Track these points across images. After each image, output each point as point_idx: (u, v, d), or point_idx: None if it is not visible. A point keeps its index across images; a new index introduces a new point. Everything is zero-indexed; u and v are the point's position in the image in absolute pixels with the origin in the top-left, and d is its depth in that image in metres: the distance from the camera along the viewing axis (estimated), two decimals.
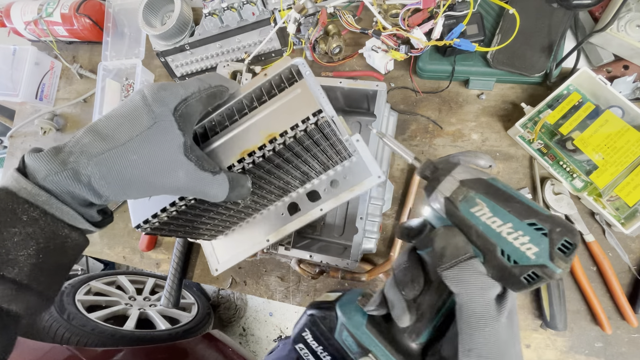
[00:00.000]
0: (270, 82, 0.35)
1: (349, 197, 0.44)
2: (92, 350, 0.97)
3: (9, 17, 0.83)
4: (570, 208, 0.57)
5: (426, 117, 0.66)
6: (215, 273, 0.47)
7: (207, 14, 0.66)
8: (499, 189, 0.26)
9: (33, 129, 0.88)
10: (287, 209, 0.46)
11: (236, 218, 0.45)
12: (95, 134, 0.26)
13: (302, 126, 0.32)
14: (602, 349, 0.55)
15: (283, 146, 0.33)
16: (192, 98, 0.29)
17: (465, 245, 0.26)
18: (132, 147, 0.26)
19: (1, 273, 0.24)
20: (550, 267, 0.23)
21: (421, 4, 0.58)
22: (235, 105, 0.35)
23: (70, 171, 0.25)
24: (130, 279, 1.49)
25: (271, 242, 0.45)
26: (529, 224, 0.24)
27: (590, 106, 0.55)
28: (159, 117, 0.27)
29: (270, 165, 0.36)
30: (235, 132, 0.34)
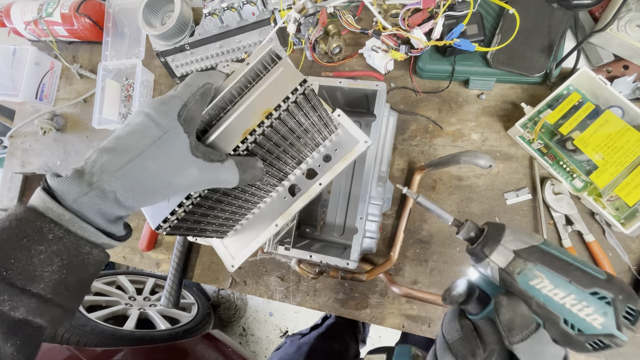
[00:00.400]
0: (253, 69, 0.37)
1: (343, 166, 0.46)
2: (92, 350, 0.97)
3: (9, 17, 0.83)
4: (570, 208, 0.57)
5: (426, 117, 0.66)
6: (232, 269, 0.48)
7: (207, 14, 0.66)
8: (555, 256, 0.26)
9: (33, 129, 0.88)
10: (288, 193, 0.48)
11: (244, 209, 0.47)
12: (110, 152, 0.28)
13: (292, 97, 0.35)
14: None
15: (279, 120, 0.36)
16: (190, 102, 0.32)
17: (529, 314, 0.25)
18: (149, 156, 0.29)
19: (28, 288, 0.25)
20: (618, 336, 0.24)
21: (421, 4, 0.58)
22: (226, 96, 0.37)
23: (97, 190, 0.27)
24: (130, 279, 1.49)
25: (280, 225, 0.47)
26: (592, 293, 0.24)
27: (590, 106, 0.55)
28: (167, 127, 0.30)
29: (270, 144, 0.38)
30: (233, 118, 0.36)
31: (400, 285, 0.59)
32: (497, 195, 0.61)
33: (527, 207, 0.60)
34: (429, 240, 0.63)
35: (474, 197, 0.62)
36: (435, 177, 0.64)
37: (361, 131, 0.47)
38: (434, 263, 0.62)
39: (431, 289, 0.61)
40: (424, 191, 0.64)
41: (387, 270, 0.61)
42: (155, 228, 0.36)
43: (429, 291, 0.59)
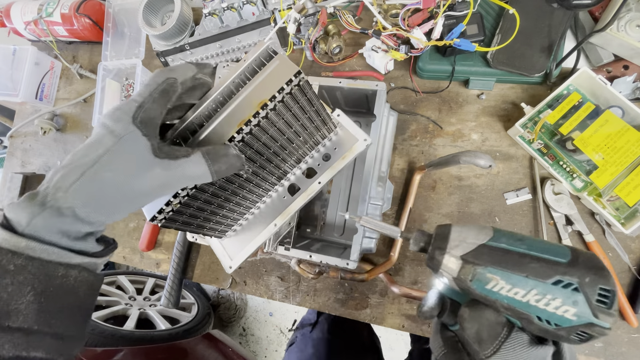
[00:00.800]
0: (251, 65, 0.37)
1: (343, 164, 0.46)
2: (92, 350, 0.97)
3: (9, 17, 0.83)
4: (570, 208, 0.57)
5: (426, 117, 0.66)
6: (230, 270, 0.48)
7: (207, 14, 0.66)
8: (505, 250, 0.23)
9: (33, 129, 0.88)
10: (287, 192, 0.48)
11: (242, 207, 0.46)
12: (64, 168, 0.27)
13: (287, 88, 0.35)
14: (602, 349, 0.55)
15: (274, 112, 0.36)
16: (146, 103, 0.30)
17: (497, 318, 0.23)
18: (104, 166, 0.27)
19: (7, 324, 0.24)
20: (598, 324, 0.21)
21: (421, 4, 0.58)
22: (225, 92, 0.37)
23: (51, 209, 0.26)
24: (130, 279, 1.49)
25: (279, 225, 0.47)
26: (554, 283, 0.22)
27: (590, 106, 0.55)
28: (122, 132, 0.28)
29: (266, 136, 0.38)
30: (229, 111, 0.35)
31: (400, 285, 0.59)
32: (497, 195, 0.61)
33: (527, 207, 0.60)
34: None
35: (474, 197, 0.62)
36: (435, 177, 0.64)
37: (360, 130, 0.47)
38: None
39: None
40: (424, 191, 0.64)
41: (387, 270, 0.61)
42: (150, 219, 0.35)
43: None
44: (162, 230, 0.76)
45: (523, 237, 0.24)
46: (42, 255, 0.26)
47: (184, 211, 0.38)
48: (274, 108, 0.36)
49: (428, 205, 0.63)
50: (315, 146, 0.47)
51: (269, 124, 0.37)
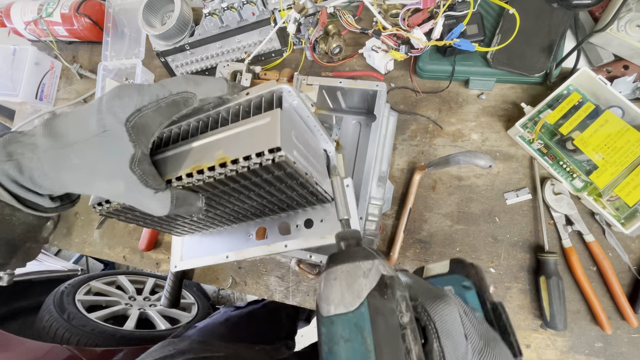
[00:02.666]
0: (250, 102, 0.33)
1: (318, 244, 0.40)
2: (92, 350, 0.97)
3: (9, 17, 0.83)
4: (570, 208, 0.57)
5: (426, 117, 0.66)
6: (174, 269, 0.46)
7: (207, 14, 0.66)
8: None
9: None
10: (255, 232, 0.44)
11: (201, 225, 0.43)
12: (49, 128, 0.28)
13: (255, 159, 0.29)
14: (602, 349, 0.55)
15: (236, 173, 0.30)
16: (148, 108, 0.28)
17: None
18: (76, 151, 0.27)
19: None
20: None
21: (421, 4, 0.58)
22: (213, 116, 0.34)
23: (15, 162, 0.27)
24: (130, 279, 1.50)
25: (230, 259, 0.43)
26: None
27: (590, 106, 0.55)
28: (109, 126, 0.27)
29: (226, 188, 0.33)
30: (194, 145, 0.32)
31: None
32: (497, 195, 0.61)
33: (527, 207, 0.60)
34: (429, 240, 0.63)
35: (474, 197, 0.62)
36: (435, 177, 0.64)
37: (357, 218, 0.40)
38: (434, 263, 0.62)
39: None
40: (424, 191, 0.64)
41: None
42: (91, 205, 0.33)
43: None
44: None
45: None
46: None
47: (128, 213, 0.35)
48: (236, 171, 0.30)
49: (428, 205, 0.63)
50: (298, 207, 0.41)
51: (229, 180, 0.32)
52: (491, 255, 0.60)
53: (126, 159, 0.27)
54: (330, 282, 0.22)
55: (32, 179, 0.28)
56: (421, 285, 0.25)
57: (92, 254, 0.79)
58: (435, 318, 0.22)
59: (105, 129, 0.27)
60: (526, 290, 0.58)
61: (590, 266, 0.57)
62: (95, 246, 0.79)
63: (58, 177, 0.28)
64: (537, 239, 0.59)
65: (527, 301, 0.58)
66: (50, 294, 1.23)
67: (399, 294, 0.22)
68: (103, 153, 0.27)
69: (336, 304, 0.21)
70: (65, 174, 0.28)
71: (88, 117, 0.27)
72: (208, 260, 0.45)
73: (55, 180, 0.28)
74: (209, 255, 0.45)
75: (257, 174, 0.31)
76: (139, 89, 0.28)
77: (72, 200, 0.34)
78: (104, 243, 0.79)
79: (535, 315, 0.58)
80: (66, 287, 1.27)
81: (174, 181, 0.32)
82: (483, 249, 0.61)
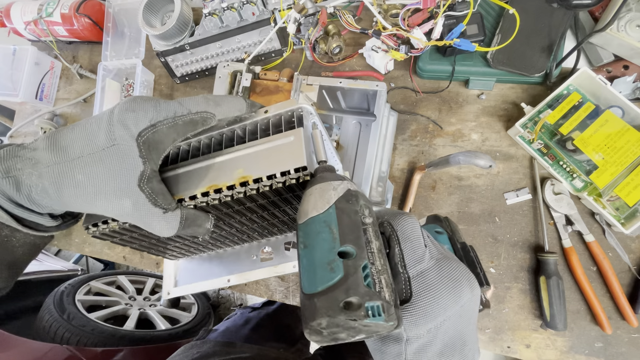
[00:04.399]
0: (269, 120, 0.32)
1: None
2: (92, 350, 0.97)
3: (9, 17, 0.83)
4: (570, 208, 0.57)
5: (426, 117, 0.66)
6: (167, 296, 0.42)
7: (207, 14, 0.66)
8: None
9: (33, 129, 0.88)
10: (258, 253, 0.42)
11: (202, 247, 0.42)
12: (52, 141, 0.26)
13: (280, 178, 0.29)
14: (602, 349, 0.55)
15: (256, 192, 0.30)
16: (163, 124, 0.27)
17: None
18: (81, 165, 0.25)
19: None
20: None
21: (421, 4, 0.58)
22: (227, 134, 0.33)
23: (12, 179, 0.25)
24: (130, 279, 1.50)
25: (232, 283, 0.41)
26: None
27: (590, 106, 0.55)
28: (119, 139, 0.25)
29: (241, 207, 0.33)
30: (209, 163, 0.31)
31: None
32: (497, 195, 0.61)
33: (527, 207, 0.60)
34: None
35: (474, 197, 0.62)
36: (435, 177, 0.64)
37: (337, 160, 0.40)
38: None
39: None
40: (424, 191, 0.64)
41: None
42: (84, 227, 0.32)
43: None
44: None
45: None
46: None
47: (124, 233, 0.34)
48: (257, 190, 0.30)
49: (428, 205, 0.63)
50: None
51: (247, 199, 0.31)
52: (491, 255, 0.60)
53: (135, 175, 0.26)
54: (307, 197, 0.26)
55: (29, 197, 0.25)
56: (390, 210, 0.28)
57: (92, 254, 0.79)
58: (397, 227, 0.26)
59: (114, 142, 0.25)
60: (526, 290, 0.58)
61: (590, 266, 0.57)
62: (95, 246, 0.79)
63: (59, 195, 0.26)
64: (537, 239, 0.59)
65: (527, 301, 0.58)
66: (50, 294, 1.23)
67: (362, 203, 0.25)
68: (110, 168, 0.25)
69: (310, 210, 0.25)
70: (67, 191, 0.26)
71: (97, 130, 0.26)
72: (207, 285, 0.42)
73: (55, 198, 0.26)
74: (207, 280, 0.42)
75: (278, 193, 0.31)
76: (155, 104, 0.27)
77: (74, 217, 0.32)
78: (104, 243, 0.79)
79: (535, 315, 0.58)
80: (66, 287, 1.27)
81: (187, 200, 0.30)
82: (483, 249, 0.61)
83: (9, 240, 0.27)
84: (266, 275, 0.41)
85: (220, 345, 0.62)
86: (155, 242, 0.37)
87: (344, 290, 0.21)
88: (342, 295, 0.20)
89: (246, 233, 0.40)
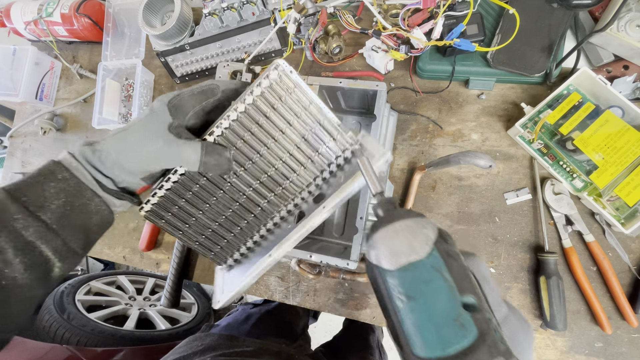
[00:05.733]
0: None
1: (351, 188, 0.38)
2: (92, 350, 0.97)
3: (9, 17, 0.83)
4: (570, 208, 0.57)
5: (426, 117, 0.66)
6: (217, 305, 0.44)
7: (207, 14, 0.66)
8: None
9: (33, 129, 0.88)
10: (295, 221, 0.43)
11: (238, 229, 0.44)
12: (116, 129, 0.37)
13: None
14: (602, 349, 0.55)
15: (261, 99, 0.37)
16: (185, 93, 0.38)
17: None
18: (133, 130, 0.36)
19: (38, 214, 0.32)
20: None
21: (421, 4, 0.58)
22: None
23: (93, 150, 0.36)
24: (130, 279, 1.50)
25: (273, 256, 0.41)
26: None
27: (590, 106, 0.55)
28: (155, 109, 0.36)
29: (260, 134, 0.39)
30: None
31: None
32: (497, 195, 0.61)
33: (527, 207, 0.60)
34: None
35: (474, 197, 0.62)
36: (435, 177, 0.64)
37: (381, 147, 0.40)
38: None
39: None
40: (424, 191, 0.64)
41: None
42: (139, 208, 0.41)
43: None
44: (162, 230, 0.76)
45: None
46: (80, 177, 0.35)
47: (168, 206, 0.41)
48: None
49: (428, 205, 0.63)
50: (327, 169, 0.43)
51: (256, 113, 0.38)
52: (491, 255, 0.60)
53: (165, 125, 0.36)
54: (392, 237, 0.23)
55: (100, 160, 0.35)
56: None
57: (92, 254, 0.79)
58: (473, 268, 0.25)
59: (153, 110, 0.36)
60: (526, 290, 0.58)
61: (590, 266, 0.57)
62: (95, 246, 0.78)
63: (118, 152, 0.35)
64: (537, 239, 0.59)
65: (527, 301, 0.58)
66: (50, 294, 1.23)
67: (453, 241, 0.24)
68: (149, 125, 0.36)
69: (407, 253, 0.22)
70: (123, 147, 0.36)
71: (145, 110, 0.37)
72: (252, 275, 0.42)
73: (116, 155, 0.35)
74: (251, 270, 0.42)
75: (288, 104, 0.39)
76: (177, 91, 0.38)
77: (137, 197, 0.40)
78: (104, 243, 0.79)
79: (535, 315, 0.58)
80: (66, 287, 1.27)
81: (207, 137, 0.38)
82: (483, 249, 0.61)
83: (89, 203, 0.35)
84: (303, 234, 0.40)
85: (224, 338, 0.63)
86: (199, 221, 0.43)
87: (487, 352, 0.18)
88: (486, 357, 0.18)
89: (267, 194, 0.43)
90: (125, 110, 0.81)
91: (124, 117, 0.80)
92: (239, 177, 0.41)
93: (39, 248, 0.32)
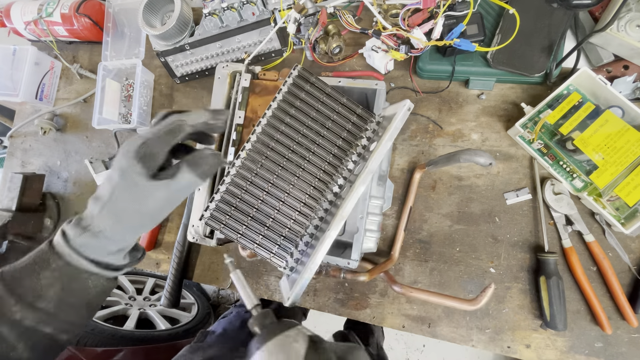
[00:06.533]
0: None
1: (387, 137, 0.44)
2: (92, 350, 0.97)
3: (9, 17, 0.83)
4: (570, 208, 0.57)
5: (426, 117, 0.66)
6: (286, 302, 0.45)
7: (207, 14, 0.66)
8: None
9: (33, 129, 0.88)
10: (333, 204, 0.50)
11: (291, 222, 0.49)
12: (94, 200, 0.35)
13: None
14: (602, 349, 0.55)
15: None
16: (151, 140, 0.34)
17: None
18: (115, 199, 0.34)
19: (35, 304, 0.33)
20: None
21: (421, 4, 0.58)
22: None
23: (89, 233, 0.34)
24: (130, 279, 1.49)
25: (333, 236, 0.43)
26: None
27: (590, 106, 0.55)
28: (123, 167, 0.34)
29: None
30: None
31: (401, 284, 0.59)
32: (497, 195, 0.61)
33: (527, 207, 0.60)
34: (429, 240, 0.63)
35: (474, 197, 0.62)
36: (435, 177, 0.64)
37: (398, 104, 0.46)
38: (434, 263, 0.62)
39: (431, 289, 0.61)
40: (424, 191, 0.64)
41: (388, 270, 0.61)
42: (199, 218, 0.44)
43: (429, 290, 0.59)
44: (162, 230, 0.76)
45: None
46: (76, 263, 0.34)
47: (225, 209, 0.45)
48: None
49: (428, 205, 0.63)
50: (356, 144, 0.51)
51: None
52: (491, 255, 0.60)
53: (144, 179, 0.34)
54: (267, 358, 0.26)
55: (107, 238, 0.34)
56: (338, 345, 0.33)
57: None
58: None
59: (121, 172, 0.34)
60: (526, 290, 0.58)
61: (590, 266, 0.57)
62: None
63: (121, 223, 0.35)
64: (537, 239, 0.59)
65: (527, 301, 0.58)
66: None
67: (326, 345, 0.27)
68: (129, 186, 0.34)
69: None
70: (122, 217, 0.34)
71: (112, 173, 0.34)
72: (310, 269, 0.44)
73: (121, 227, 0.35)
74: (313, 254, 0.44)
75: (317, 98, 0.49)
76: (142, 133, 0.36)
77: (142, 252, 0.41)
78: None
79: (535, 315, 0.58)
80: None
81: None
82: (483, 249, 0.61)
83: (86, 283, 0.35)
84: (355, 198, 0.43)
85: (227, 349, 0.63)
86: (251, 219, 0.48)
87: None
88: None
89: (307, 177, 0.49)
90: (125, 110, 0.81)
91: (124, 117, 0.80)
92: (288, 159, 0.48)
93: (41, 331, 0.33)
